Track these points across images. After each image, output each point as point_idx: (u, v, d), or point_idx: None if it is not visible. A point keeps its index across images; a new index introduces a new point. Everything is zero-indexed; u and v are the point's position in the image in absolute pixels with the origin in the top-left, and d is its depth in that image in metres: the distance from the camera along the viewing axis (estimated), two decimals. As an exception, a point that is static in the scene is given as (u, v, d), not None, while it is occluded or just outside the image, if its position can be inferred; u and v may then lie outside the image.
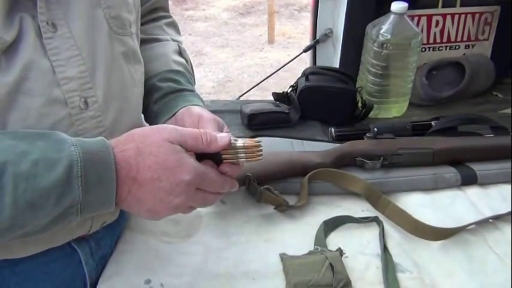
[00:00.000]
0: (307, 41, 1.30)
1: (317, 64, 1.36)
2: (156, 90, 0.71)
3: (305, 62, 1.67)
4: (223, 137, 0.56)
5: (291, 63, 1.60)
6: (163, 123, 0.68)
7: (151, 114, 0.71)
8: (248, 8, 6.78)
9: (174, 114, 0.68)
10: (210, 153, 0.57)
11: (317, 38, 1.30)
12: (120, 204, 0.52)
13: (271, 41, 5.22)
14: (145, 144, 0.51)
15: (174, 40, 0.81)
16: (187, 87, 0.73)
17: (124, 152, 0.51)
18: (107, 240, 0.70)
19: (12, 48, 0.48)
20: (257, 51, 5.06)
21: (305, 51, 1.33)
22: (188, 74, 0.77)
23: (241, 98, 1.49)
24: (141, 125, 0.70)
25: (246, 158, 0.59)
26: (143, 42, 0.73)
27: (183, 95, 0.71)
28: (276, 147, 0.99)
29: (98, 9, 0.56)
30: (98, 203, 0.50)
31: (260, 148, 0.59)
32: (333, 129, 1.06)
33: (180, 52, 0.79)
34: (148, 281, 0.66)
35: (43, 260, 0.60)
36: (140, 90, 0.66)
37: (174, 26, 0.86)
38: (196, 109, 0.67)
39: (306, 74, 1.17)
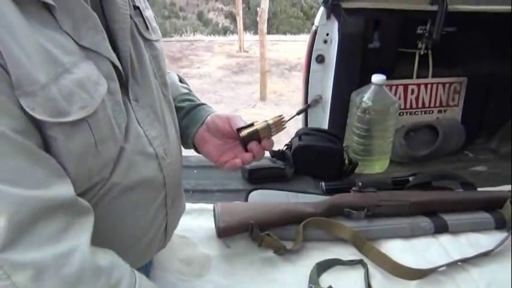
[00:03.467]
0: (297, 98, 1.46)
1: (308, 125, 1.53)
2: (179, 109, 0.85)
3: (296, 119, 1.84)
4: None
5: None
6: (195, 131, 0.82)
7: (181, 129, 0.83)
8: (241, 67, 7.14)
9: (203, 123, 0.82)
10: (254, 137, 0.76)
11: (308, 102, 1.48)
12: None
13: (263, 98, 5.48)
14: None
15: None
16: (201, 102, 0.88)
17: None
18: (149, 267, 0.83)
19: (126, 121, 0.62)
20: (250, 108, 5.31)
21: (298, 114, 1.51)
22: (193, 94, 0.92)
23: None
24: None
25: (276, 131, 0.77)
26: None
27: (202, 107, 0.86)
28: (274, 199, 1.13)
29: (155, 80, 0.72)
30: None
31: (284, 119, 0.78)
32: (323, 184, 1.21)
33: (180, 79, 0.95)
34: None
35: None
36: (179, 136, 0.81)
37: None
38: (220, 113, 0.82)
39: (299, 134, 1.33)
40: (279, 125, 0.77)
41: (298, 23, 16.29)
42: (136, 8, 0.68)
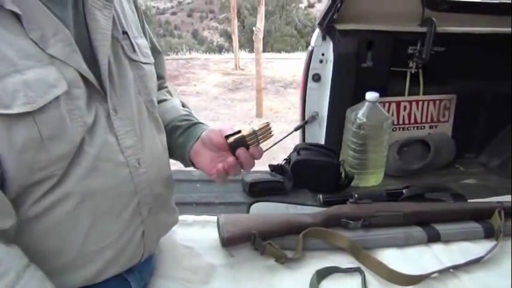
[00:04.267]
0: (292, 115, 1.53)
1: (306, 141, 1.60)
2: (177, 128, 0.91)
3: (294, 135, 1.90)
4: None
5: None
6: (191, 146, 0.87)
7: (178, 146, 0.89)
8: (237, 84, 7.24)
9: (198, 138, 0.87)
10: (241, 143, 0.79)
11: (306, 119, 1.55)
12: None
13: (259, 115, 5.56)
14: None
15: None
16: (199, 121, 0.94)
17: None
18: (147, 274, 0.87)
19: (92, 128, 0.68)
20: (246, 125, 5.38)
21: (296, 130, 1.57)
22: (193, 115, 0.98)
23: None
24: (170, 174, 0.88)
25: (263, 138, 0.80)
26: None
27: (199, 125, 0.91)
28: (274, 211, 1.18)
29: (139, 96, 0.78)
30: None
31: (270, 127, 0.80)
32: (321, 196, 1.26)
33: (183, 105, 1.01)
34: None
35: None
36: (166, 151, 0.86)
37: (170, 93, 1.07)
38: (214, 127, 0.87)
39: (297, 149, 1.39)
40: (265, 132, 0.80)
41: (292, 41, 16.54)
42: (124, 33, 0.76)
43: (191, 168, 0.95)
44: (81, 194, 0.66)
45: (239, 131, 0.81)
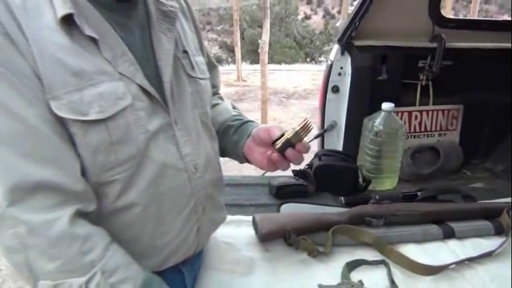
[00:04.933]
0: (296, 125, 1.61)
1: (325, 147, 1.71)
2: (230, 127, 1.02)
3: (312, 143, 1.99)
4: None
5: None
6: (243, 143, 0.97)
7: (232, 144, 1.00)
8: (240, 95, 7.37)
9: (249, 135, 0.97)
10: (287, 145, 0.87)
11: (325, 127, 1.66)
12: None
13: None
14: None
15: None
16: (249, 119, 1.04)
17: None
18: (197, 266, 0.98)
19: (155, 136, 0.78)
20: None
21: (316, 137, 1.69)
22: (243, 115, 1.09)
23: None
24: (221, 176, 0.98)
25: (305, 134, 0.88)
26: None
27: (250, 123, 1.02)
28: (302, 211, 1.29)
29: (195, 109, 0.89)
30: None
31: (309, 122, 0.88)
32: (342, 198, 1.38)
33: (233, 107, 1.12)
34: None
35: None
36: (218, 156, 0.97)
37: (222, 98, 1.18)
38: (263, 125, 0.97)
39: (318, 155, 1.50)
40: (305, 128, 0.88)
41: (292, 52, 16.72)
42: (185, 52, 0.87)
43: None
44: (149, 196, 0.77)
45: (283, 134, 0.90)
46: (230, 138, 1.00)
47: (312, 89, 7.83)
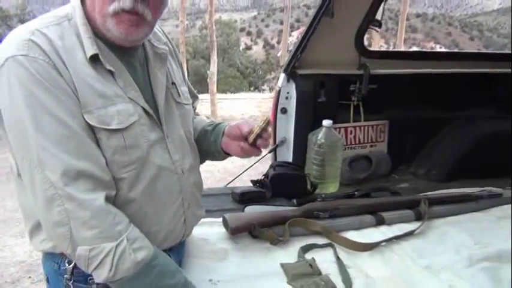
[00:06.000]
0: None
1: (277, 160, 1.99)
2: (207, 131, 1.24)
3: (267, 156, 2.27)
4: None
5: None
6: (220, 140, 1.21)
7: (211, 143, 1.22)
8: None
9: (223, 133, 1.21)
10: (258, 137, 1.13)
11: (277, 143, 1.95)
12: None
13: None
14: None
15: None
16: (220, 122, 1.28)
17: None
18: (181, 254, 1.20)
19: (154, 145, 1.02)
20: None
21: (270, 152, 1.96)
22: (215, 120, 1.33)
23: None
24: (201, 180, 1.21)
25: (267, 126, 1.13)
26: None
27: (221, 124, 1.25)
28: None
29: (181, 128, 1.13)
30: None
31: (269, 118, 1.13)
32: (294, 200, 1.65)
33: (207, 117, 1.36)
34: (210, 280, 1.16)
35: None
36: (198, 164, 1.21)
37: (198, 114, 1.39)
38: (232, 123, 1.22)
39: (273, 166, 1.78)
40: (267, 122, 1.13)
41: (236, 82, 17.24)
42: (173, 83, 1.13)
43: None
44: (149, 191, 1.00)
45: (251, 130, 1.14)
46: (209, 139, 1.24)
47: (258, 116, 8.20)
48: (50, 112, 0.86)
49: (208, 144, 1.24)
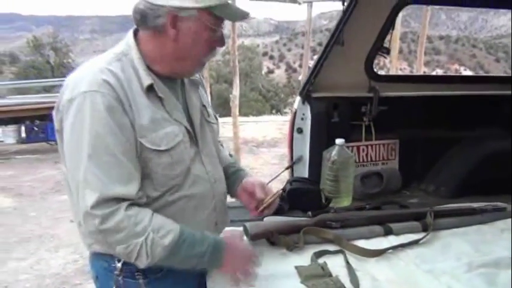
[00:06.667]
0: (267, 170, 2.06)
1: (294, 176, 2.14)
2: (228, 172, 1.44)
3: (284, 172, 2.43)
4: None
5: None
6: (236, 189, 1.42)
7: (229, 181, 1.42)
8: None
9: (240, 181, 1.41)
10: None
11: (293, 160, 2.11)
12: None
13: (236, 172, 6.07)
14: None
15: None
16: (240, 168, 1.48)
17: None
18: None
19: (193, 159, 1.20)
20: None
21: (287, 168, 2.12)
22: (237, 162, 1.51)
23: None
24: (226, 191, 1.41)
25: (275, 199, 1.35)
26: None
27: (242, 171, 1.45)
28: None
29: (212, 144, 1.32)
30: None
31: (281, 192, 1.34)
32: (310, 213, 1.79)
33: (230, 154, 1.55)
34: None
35: None
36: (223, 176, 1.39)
37: (222, 144, 1.60)
38: (251, 179, 1.42)
39: (290, 181, 1.93)
40: (278, 195, 1.38)
41: (258, 105, 17.58)
42: (203, 105, 1.32)
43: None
44: (189, 196, 1.18)
45: (263, 200, 1.38)
46: (228, 179, 1.43)
47: (280, 138, 8.39)
48: (106, 146, 1.04)
49: (227, 182, 1.43)
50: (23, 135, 7.24)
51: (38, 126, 7.04)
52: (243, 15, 1.14)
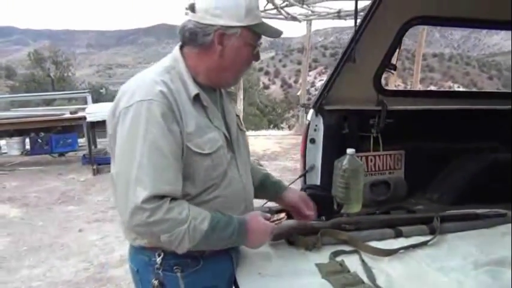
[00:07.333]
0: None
1: (307, 183, 2.27)
2: (269, 178, 1.60)
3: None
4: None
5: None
6: (282, 192, 1.60)
7: (270, 190, 1.60)
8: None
9: (282, 192, 1.58)
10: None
11: (306, 169, 2.24)
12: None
13: (239, 184, 6.16)
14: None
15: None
16: (276, 180, 1.62)
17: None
18: (238, 252, 1.47)
19: (230, 163, 1.32)
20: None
21: (300, 177, 2.25)
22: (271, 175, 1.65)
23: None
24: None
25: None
26: None
27: (283, 183, 1.59)
28: (297, 224, 1.81)
29: (245, 150, 1.44)
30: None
31: (284, 216, 1.46)
32: (323, 217, 1.91)
33: (259, 164, 1.68)
34: (259, 273, 1.42)
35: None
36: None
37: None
38: (292, 194, 1.58)
39: (303, 189, 2.06)
40: (281, 221, 1.47)
41: (256, 120, 17.76)
42: (237, 115, 1.46)
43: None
44: (223, 196, 1.31)
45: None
46: (268, 185, 1.62)
47: (280, 151, 8.51)
48: (159, 148, 1.17)
49: (267, 192, 1.61)
50: (27, 147, 7.30)
51: (42, 139, 7.11)
52: (278, 33, 1.29)
